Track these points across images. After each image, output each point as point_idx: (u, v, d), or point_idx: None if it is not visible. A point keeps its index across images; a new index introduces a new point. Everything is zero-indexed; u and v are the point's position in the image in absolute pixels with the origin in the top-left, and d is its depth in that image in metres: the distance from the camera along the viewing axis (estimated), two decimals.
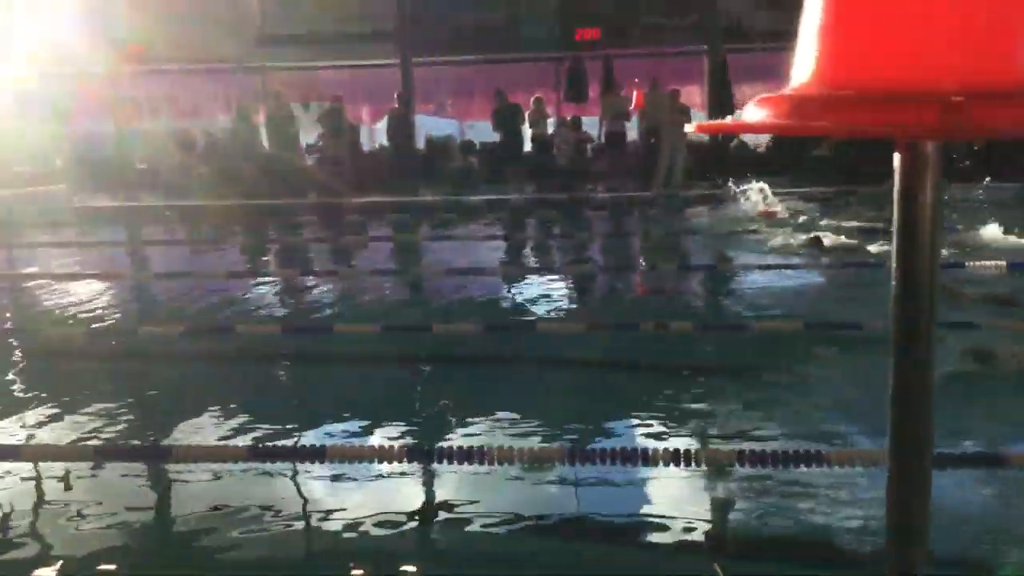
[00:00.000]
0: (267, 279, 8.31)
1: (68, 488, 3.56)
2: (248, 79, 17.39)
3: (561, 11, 16.61)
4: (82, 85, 17.70)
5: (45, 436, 4.10)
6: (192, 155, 16.19)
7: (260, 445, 3.81)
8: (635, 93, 15.95)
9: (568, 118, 16.41)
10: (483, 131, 18.66)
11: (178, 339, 5.72)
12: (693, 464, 3.31)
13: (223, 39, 16.14)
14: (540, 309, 6.49)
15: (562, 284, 7.57)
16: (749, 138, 17.65)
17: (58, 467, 3.70)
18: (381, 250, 10.41)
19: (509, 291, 7.36)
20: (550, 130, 16.21)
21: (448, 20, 16.92)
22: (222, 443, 3.95)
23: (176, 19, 16.28)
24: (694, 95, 18.23)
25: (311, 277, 8.25)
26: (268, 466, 3.60)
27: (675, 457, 3.31)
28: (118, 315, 7.08)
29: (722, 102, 16.49)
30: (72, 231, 12.24)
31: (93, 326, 6.54)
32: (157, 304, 7.46)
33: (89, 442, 3.98)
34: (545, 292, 7.15)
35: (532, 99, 16.17)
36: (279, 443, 3.91)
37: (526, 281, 7.71)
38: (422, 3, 16.62)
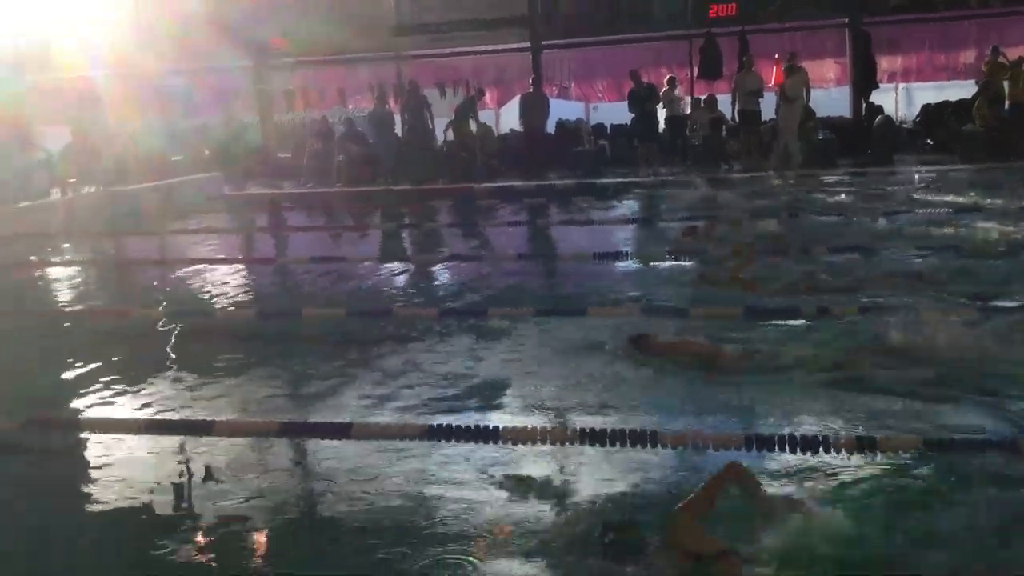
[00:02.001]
0: (411, 264, 8.45)
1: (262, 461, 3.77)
2: (384, 68, 17.76)
3: None
4: (226, 78, 18.48)
5: (230, 413, 4.34)
6: (330, 143, 16.67)
7: (435, 424, 3.92)
8: (774, 69, 15.48)
9: (703, 97, 16.09)
10: (608, 112, 18.54)
11: (343, 321, 5.93)
12: None
13: (360, 30, 16.52)
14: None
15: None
16: (896, 114, 16.95)
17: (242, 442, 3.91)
18: (518, 235, 10.45)
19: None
20: (685, 110, 15.95)
21: (579, 2, 16.81)
22: (400, 421, 4.10)
23: (315, 12, 16.76)
24: (830, 70, 17.59)
25: (454, 261, 8.35)
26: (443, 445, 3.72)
27: None
28: (281, 298, 7.40)
29: (865, 77, 15.84)
30: (224, 217, 12.83)
31: (258, 308, 6.86)
32: (313, 288, 7.71)
33: (274, 418, 4.20)
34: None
35: (666, 79, 15.93)
36: (454, 423, 4.01)
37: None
38: None
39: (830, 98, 16.65)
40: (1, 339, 6.11)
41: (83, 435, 4.10)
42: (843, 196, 11.42)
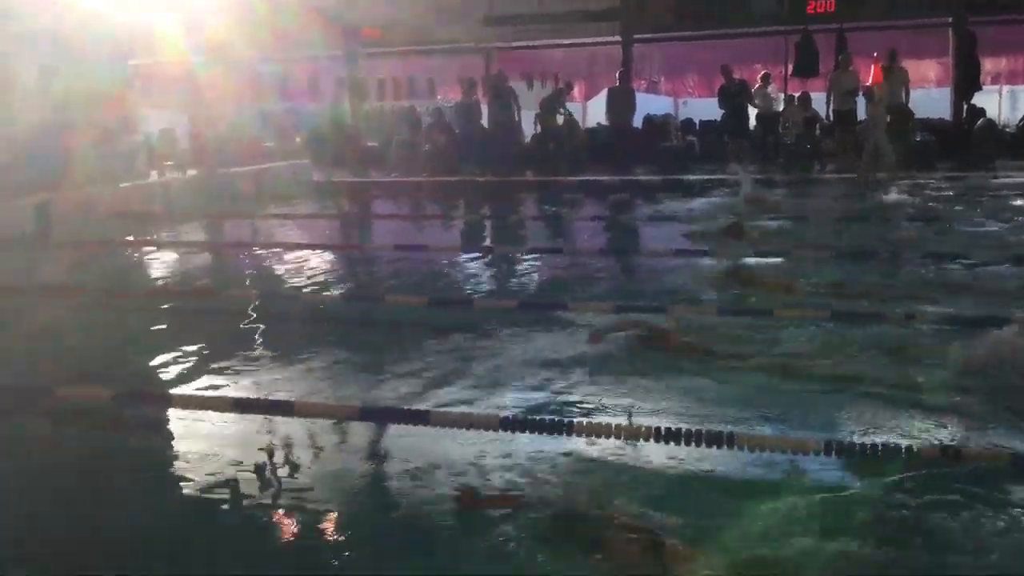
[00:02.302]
0: (492, 254, 8.50)
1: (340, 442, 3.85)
2: (474, 59, 17.91)
3: None
4: (319, 66, 18.86)
5: (314, 396, 4.43)
6: (417, 133, 16.88)
7: (509, 417, 3.94)
8: (872, 68, 15.07)
9: (796, 95, 15.76)
10: (698, 108, 18.32)
11: (424, 310, 6.00)
12: None
13: (452, 21, 16.69)
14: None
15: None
16: (999, 118, 16.32)
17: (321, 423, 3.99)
18: (600, 229, 10.40)
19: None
20: (778, 107, 15.65)
21: None
22: (478, 411, 4.13)
23: (408, 1, 16.96)
24: (931, 70, 17.05)
25: (536, 254, 8.36)
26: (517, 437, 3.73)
27: None
28: (365, 284, 7.53)
29: (969, 78, 15.28)
30: (312, 203, 13.10)
31: (341, 293, 7.00)
32: (396, 275, 7.82)
33: (353, 402, 4.28)
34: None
35: (760, 75, 15.65)
36: (529, 415, 4.02)
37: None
38: None
39: (930, 99, 16.12)
40: (97, 314, 6.37)
41: (170, 410, 4.23)
42: (931, 200, 11.06)
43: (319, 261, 8.47)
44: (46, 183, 10.55)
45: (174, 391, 4.47)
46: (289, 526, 3.11)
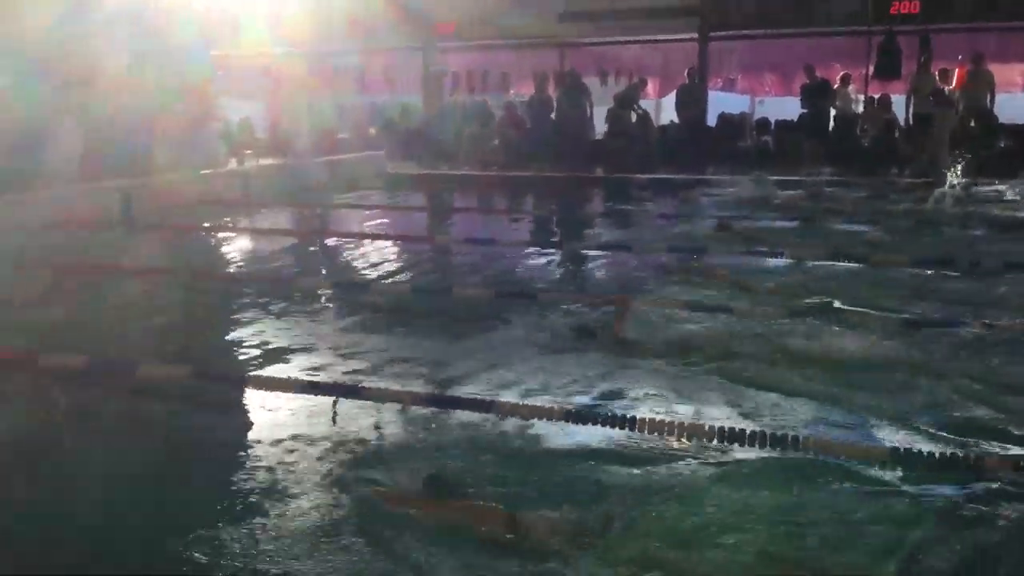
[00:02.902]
0: (560, 250, 8.51)
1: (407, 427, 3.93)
2: (548, 55, 17.95)
3: None
4: (394, 58, 19.12)
5: (384, 382, 4.53)
6: (489, 128, 16.99)
7: (573, 410, 3.98)
8: (956, 71, 14.68)
9: (876, 96, 15.44)
10: (774, 107, 18.06)
11: (492, 302, 6.08)
12: None
13: (527, 15, 16.75)
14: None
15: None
16: None
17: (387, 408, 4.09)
18: (668, 226, 10.30)
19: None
20: (858, 109, 15.36)
21: None
22: (539, 403, 4.19)
23: None
24: (1017, 74, 16.53)
25: (604, 250, 8.36)
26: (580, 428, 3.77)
27: None
28: (433, 275, 7.64)
29: None
30: (385, 194, 13.30)
31: (412, 283, 7.10)
32: (466, 268, 7.92)
33: (419, 389, 4.37)
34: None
35: (840, 76, 15.37)
36: (593, 409, 4.06)
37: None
38: None
39: (1015, 104, 15.65)
40: (177, 296, 6.60)
41: (243, 390, 4.37)
42: (993, 207, 10.76)
43: (389, 251, 8.61)
44: (131, 169, 10.93)
45: (250, 372, 4.62)
46: (355, 508, 3.19)
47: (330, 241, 9.27)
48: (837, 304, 5.65)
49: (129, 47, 11.47)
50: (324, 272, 7.74)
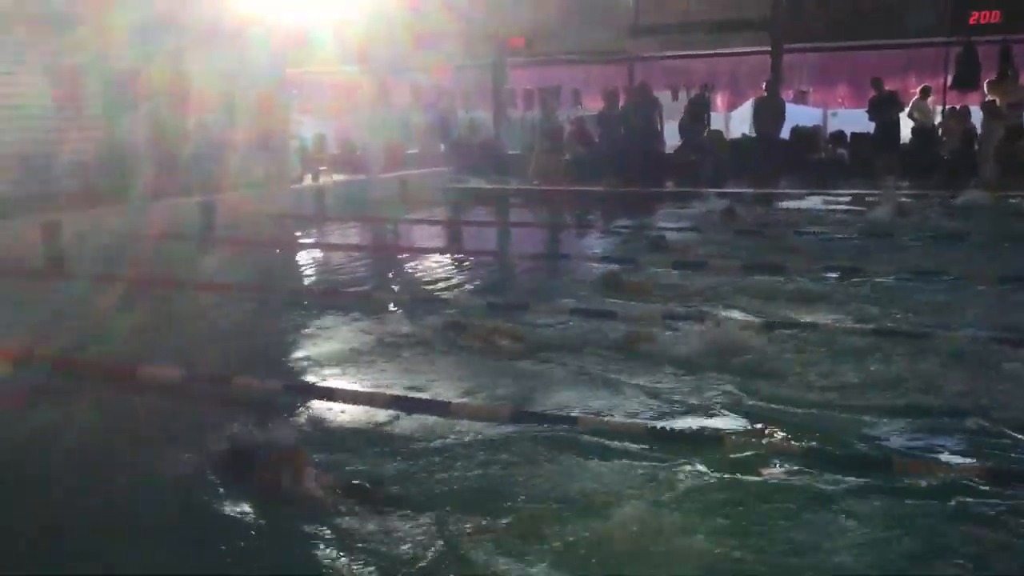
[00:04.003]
0: (635, 265, 8.41)
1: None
2: (617, 68, 17.93)
3: None
4: (465, 76, 19.27)
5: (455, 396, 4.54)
6: (559, 142, 16.98)
7: (657, 427, 3.96)
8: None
9: (955, 108, 15.07)
10: (848, 119, 17.73)
11: (566, 318, 6.06)
12: None
13: (597, 30, 16.75)
14: None
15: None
16: None
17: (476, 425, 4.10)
18: (744, 242, 10.12)
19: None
20: (936, 120, 15.01)
21: (826, 6, 16.10)
22: (625, 420, 4.17)
23: (553, 11, 17.09)
24: None
25: (679, 268, 8.23)
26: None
27: None
28: (509, 290, 7.62)
29: None
30: (455, 209, 13.37)
31: (486, 299, 7.08)
32: (535, 282, 7.89)
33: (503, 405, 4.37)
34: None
35: (919, 88, 15.05)
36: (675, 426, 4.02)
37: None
38: None
39: None
40: (257, 308, 6.75)
41: (333, 403, 4.41)
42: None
43: (459, 266, 8.67)
44: (209, 184, 11.22)
45: (336, 385, 4.67)
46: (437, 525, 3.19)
47: (401, 255, 9.36)
48: None
49: (207, 66, 11.77)
50: (392, 286, 7.79)
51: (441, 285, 7.66)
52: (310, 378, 4.88)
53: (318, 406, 4.36)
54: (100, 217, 9.48)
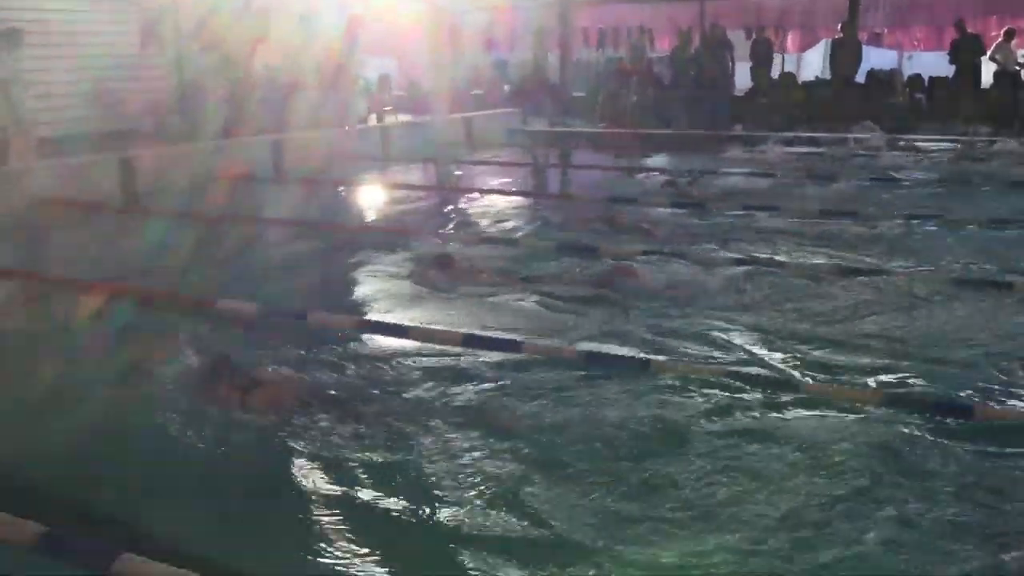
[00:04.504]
0: (697, 208, 8.26)
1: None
2: (688, 7, 17.46)
3: None
4: (530, 14, 18.97)
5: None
6: (625, 85, 16.71)
7: (735, 369, 3.93)
8: None
9: None
10: (923, 63, 17.11)
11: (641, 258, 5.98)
12: None
13: None
14: None
15: None
16: None
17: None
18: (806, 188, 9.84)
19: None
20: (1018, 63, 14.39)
21: None
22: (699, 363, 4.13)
23: None
24: None
25: (746, 209, 8.06)
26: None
27: None
28: (575, 233, 7.52)
29: None
30: (519, 151, 13.27)
31: (551, 241, 7.01)
32: (603, 226, 7.78)
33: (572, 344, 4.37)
34: None
35: (1003, 30, 14.41)
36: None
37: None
38: None
39: None
40: (326, 246, 6.84)
41: (405, 340, 4.46)
42: None
43: (523, 208, 8.63)
44: (278, 122, 11.32)
45: (406, 322, 4.71)
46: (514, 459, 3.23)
47: (467, 197, 9.35)
48: None
49: (275, 7, 11.80)
50: (456, 227, 7.76)
51: (501, 226, 7.65)
52: (373, 315, 4.95)
53: (395, 343, 4.41)
54: (174, 154, 9.64)
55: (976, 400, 3.63)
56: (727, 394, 3.67)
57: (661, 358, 4.08)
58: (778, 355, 4.21)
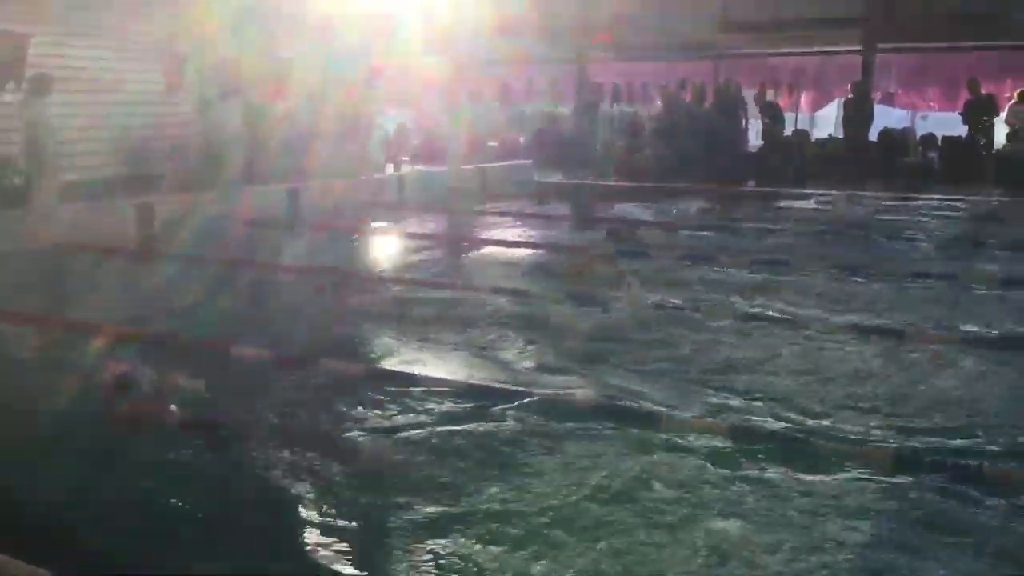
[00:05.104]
0: (714, 264, 8.31)
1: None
2: (703, 65, 17.71)
3: None
4: (546, 69, 19.27)
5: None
6: (640, 138, 16.89)
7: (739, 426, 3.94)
8: None
9: None
10: (937, 123, 17.22)
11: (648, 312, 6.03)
12: None
13: (684, 24, 16.55)
14: None
15: None
16: None
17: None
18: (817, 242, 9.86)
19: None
20: None
21: (923, 5, 15.49)
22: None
23: (639, 5, 16.89)
24: None
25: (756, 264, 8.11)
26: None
27: None
28: (591, 284, 7.55)
29: None
30: (536, 202, 13.36)
31: (565, 294, 7.07)
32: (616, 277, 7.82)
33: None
34: None
35: (1017, 92, 14.53)
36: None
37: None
38: None
39: None
40: (338, 292, 6.91)
41: (412, 388, 4.50)
42: None
43: (536, 258, 8.68)
44: (296, 173, 11.50)
45: (413, 371, 4.76)
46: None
47: (480, 247, 9.42)
48: None
49: (296, 56, 12.04)
50: (476, 278, 7.81)
51: (514, 275, 7.70)
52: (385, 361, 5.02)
53: (401, 391, 4.46)
54: (193, 201, 9.80)
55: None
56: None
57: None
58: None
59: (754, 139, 16.61)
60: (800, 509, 3.20)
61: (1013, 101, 14.37)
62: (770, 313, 6.16)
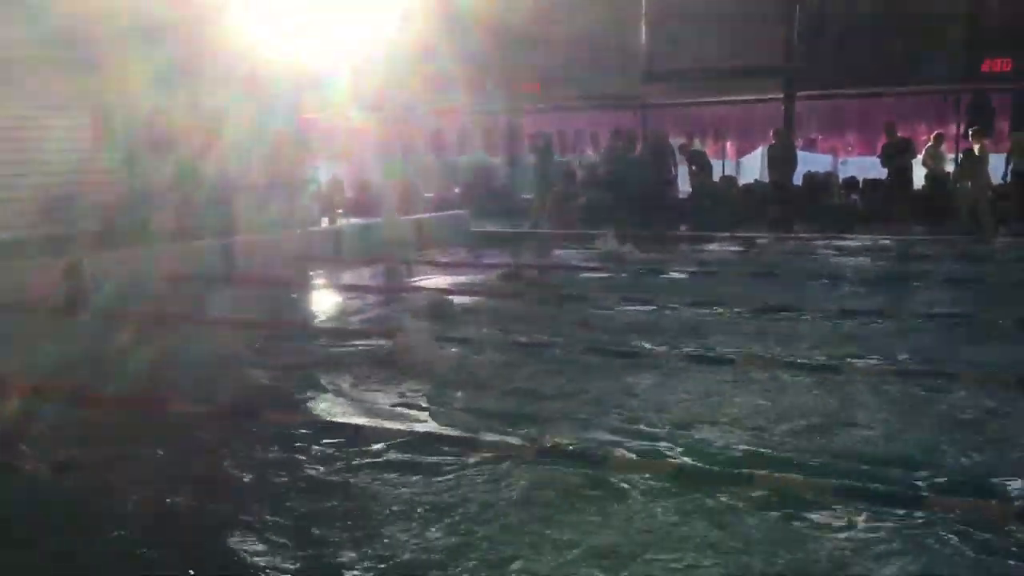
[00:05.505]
0: (652, 306, 8.41)
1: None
2: (629, 114, 18.10)
3: (968, 41, 15.32)
4: (476, 120, 19.48)
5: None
6: (572, 186, 17.08)
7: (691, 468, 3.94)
8: None
9: (970, 153, 15.10)
10: (857, 167, 17.79)
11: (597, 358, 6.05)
12: None
13: (611, 76, 16.94)
14: None
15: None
16: None
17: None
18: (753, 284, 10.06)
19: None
20: (948, 168, 15.05)
21: (840, 54, 16.17)
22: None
23: (567, 57, 17.26)
24: None
25: (701, 307, 8.22)
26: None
27: None
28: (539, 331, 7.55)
29: None
30: (472, 252, 13.37)
31: (510, 338, 7.07)
32: (564, 323, 7.86)
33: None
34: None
35: (933, 135, 15.13)
36: None
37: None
38: (813, 37, 16.19)
39: None
40: (275, 345, 6.77)
41: (356, 438, 4.42)
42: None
43: (481, 306, 8.65)
44: (228, 227, 11.32)
45: (356, 421, 4.68)
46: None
47: (419, 296, 9.34)
48: None
49: (225, 110, 11.91)
50: (419, 327, 7.74)
51: (458, 323, 7.67)
52: (329, 415, 4.93)
53: (344, 442, 4.36)
54: (119, 258, 9.55)
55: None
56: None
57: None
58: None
59: (683, 186, 16.94)
60: None
61: (929, 144, 14.94)
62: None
